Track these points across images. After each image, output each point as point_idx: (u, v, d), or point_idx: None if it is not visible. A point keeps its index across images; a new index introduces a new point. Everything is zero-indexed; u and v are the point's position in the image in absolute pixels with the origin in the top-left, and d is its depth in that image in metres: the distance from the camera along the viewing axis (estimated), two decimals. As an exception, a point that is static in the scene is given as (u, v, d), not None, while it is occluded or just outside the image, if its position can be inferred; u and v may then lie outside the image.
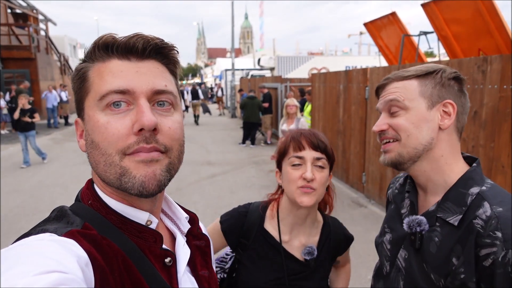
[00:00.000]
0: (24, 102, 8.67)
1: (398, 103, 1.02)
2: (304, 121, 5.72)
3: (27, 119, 8.48)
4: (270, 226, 1.35)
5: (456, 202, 0.98)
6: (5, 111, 13.71)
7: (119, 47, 0.68)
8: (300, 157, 1.24)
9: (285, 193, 1.32)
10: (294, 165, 1.24)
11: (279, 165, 1.34)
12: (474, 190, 0.97)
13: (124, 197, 0.71)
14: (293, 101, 5.77)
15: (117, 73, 0.67)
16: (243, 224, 1.34)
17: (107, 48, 0.68)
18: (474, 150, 3.85)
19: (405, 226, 1.04)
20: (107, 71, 0.67)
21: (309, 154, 1.23)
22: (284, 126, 5.77)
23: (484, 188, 0.97)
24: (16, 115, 8.57)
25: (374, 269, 1.24)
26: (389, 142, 1.05)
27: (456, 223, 0.95)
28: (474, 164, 1.04)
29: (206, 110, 18.54)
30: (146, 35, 0.70)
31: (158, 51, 0.71)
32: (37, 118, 8.68)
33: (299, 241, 1.34)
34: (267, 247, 1.32)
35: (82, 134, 0.73)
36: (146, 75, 0.68)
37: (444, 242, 0.96)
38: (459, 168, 1.03)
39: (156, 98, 0.69)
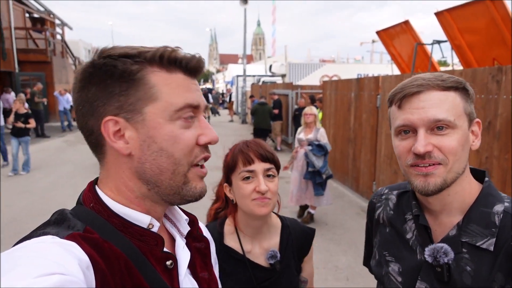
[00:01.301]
0: (18, 106, 8.19)
1: (450, 123, 0.87)
2: (324, 132, 5.37)
3: (20, 124, 7.99)
4: (230, 241, 1.35)
5: (482, 224, 0.89)
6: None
7: (188, 66, 0.73)
8: (250, 171, 1.24)
9: (239, 207, 1.32)
10: (245, 178, 1.25)
11: (228, 180, 1.33)
12: (499, 208, 0.89)
13: (144, 202, 0.73)
14: (311, 110, 5.39)
15: (188, 88, 0.73)
16: None
17: (175, 61, 0.72)
18: (488, 162, 3.79)
19: (428, 258, 0.92)
20: (176, 83, 0.71)
21: (259, 166, 1.25)
22: (301, 135, 5.38)
23: (507, 204, 0.90)
24: (11, 119, 8.09)
25: None
26: (432, 165, 0.88)
27: (491, 248, 0.86)
28: (487, 178, 0.96)
29: (215, 112, 22.93)
30: (200, 56, 0.76)
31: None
32: (32, 124, 8.19)
33: (260, 248, 1.35)
34: (232, 262, 1.32)
35: (117, 134, 0.69)
36: (199, 92, 0.78)
37: (479, 270, 0.86)
38: (475, 184, 0.96)
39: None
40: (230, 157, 1.31)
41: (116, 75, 0.68)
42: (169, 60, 0.71)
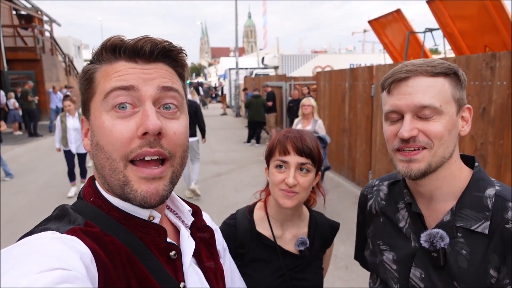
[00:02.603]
0: None
1: (436, 109, 0.87)
2: (322, 124, 5.42)
3: None
4: (261, 227, 1.36)
5: (475, 208, 0.90)
6: (19, 111, 13.71)
7: (127, 50, 0.68)
8: (284, 161, 1.24)
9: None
10: (278, 166, 1.26)
11: (268, 163, 1.36)
12: (490, 191, 0.90)
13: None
14: (309, 101, 5.43)
15: (123, 72, 0.67)
16: (236, 235, 1.35)
17: (114, 50, 0.69)
18: (483, 147, 3.82)
19: (424, 243, 0.93)
20: (113, 71, 0.68)
21: (293, 159, 1.23)
22: (299, 126, 5.39)
23: (498, 188, 0.91)
24: None
25: None
26: (416, 150, 0.90)
27: (486, 231, 0.87)
28: (476, 164, 0.97)
29: (204, 104, 24.20)
30: (154, 38, 0.69)
31: (166, 54, 0.72)
32: (3, 127, 7.52)
33: (290, 235, 1.36)
34: (263, 249, 1.33)
35: (87, 133, 0.73)
36: (153, 76, 0.68)
37: (475, 254, 0.88)
38: (465, 170, 0.97)
39: (163, 99, 0.69)
40: (271, 143, 1.33)
41: (81, 77, 0.72)
42: (109, 50, 0.69)
